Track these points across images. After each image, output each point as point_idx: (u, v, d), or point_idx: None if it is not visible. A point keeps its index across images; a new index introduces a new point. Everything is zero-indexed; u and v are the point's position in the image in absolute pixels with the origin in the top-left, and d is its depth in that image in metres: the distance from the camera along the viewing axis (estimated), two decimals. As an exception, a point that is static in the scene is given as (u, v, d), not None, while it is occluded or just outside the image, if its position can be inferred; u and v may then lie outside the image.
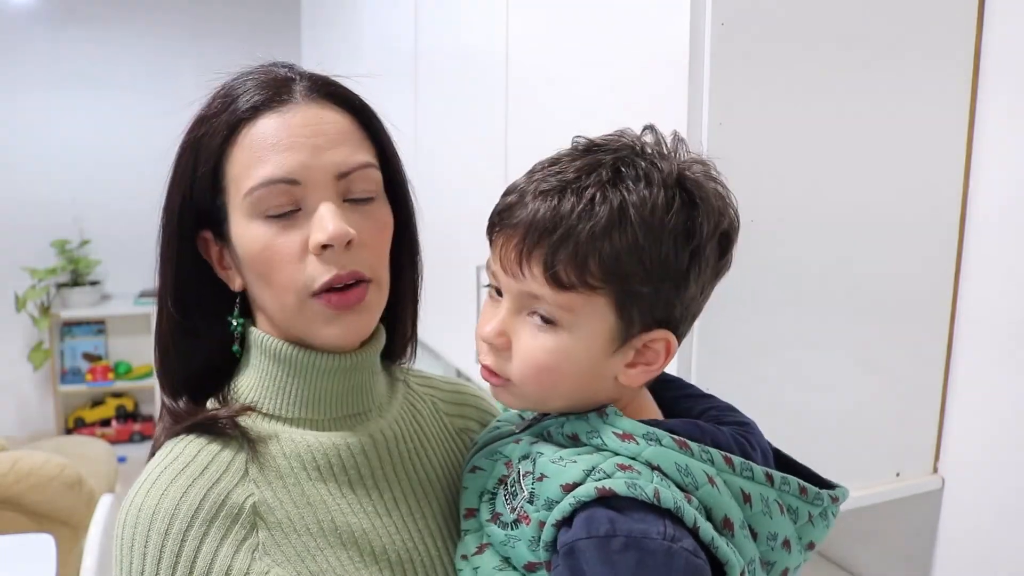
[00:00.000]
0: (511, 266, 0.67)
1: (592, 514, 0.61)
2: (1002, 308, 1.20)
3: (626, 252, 0.63)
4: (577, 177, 0.65)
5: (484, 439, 0.80)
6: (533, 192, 0.66)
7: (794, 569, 0.73)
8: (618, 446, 0.65)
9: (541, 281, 0.65)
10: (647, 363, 0.69)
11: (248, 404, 0.77)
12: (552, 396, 0.70)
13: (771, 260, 1.11)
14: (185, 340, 0.77)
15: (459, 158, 1.79)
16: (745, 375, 1.13)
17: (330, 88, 0.75)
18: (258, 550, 0.69)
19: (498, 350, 0.69)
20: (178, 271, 0.76)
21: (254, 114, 0.72)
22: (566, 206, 0.64)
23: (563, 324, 0.66)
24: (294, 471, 0.74)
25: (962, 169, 1.23)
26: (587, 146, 0.70)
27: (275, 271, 0.72)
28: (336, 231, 0.69)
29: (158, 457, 0.73)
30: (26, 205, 4.12)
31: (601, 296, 0.65)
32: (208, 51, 4.18)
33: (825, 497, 0.71)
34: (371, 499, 0.75)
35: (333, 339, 0.74)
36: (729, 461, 0.66)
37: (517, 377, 0.69)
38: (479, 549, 0.72)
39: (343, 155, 0.72)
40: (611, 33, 1.21)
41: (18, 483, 2.49)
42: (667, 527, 0.61)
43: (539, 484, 0.66)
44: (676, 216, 0.64)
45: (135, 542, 0.67)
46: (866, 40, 1.12)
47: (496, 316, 0.69)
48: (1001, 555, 1.21)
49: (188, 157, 0.74)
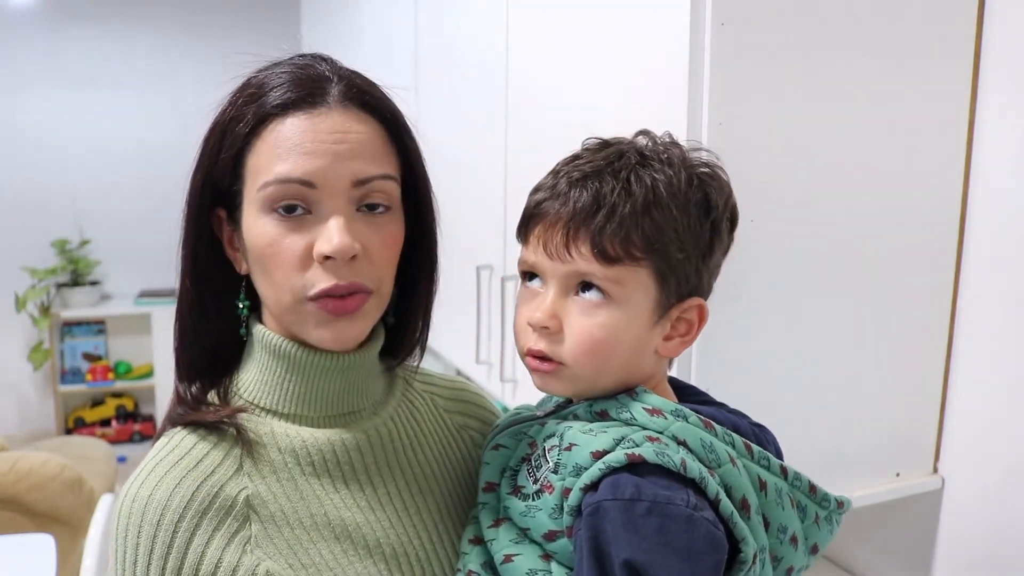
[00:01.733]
0: (557, 251, 0.71)
1: (619, 479, 0.64)
2: (1002, 308, 1.20)
3: (664, 224, 0.69)
4: (609, 163, 0.71)
5: (506, 421, 0.82)
6: (567, 182, 0.72)
7: (798, 570, 0.74)
8: (647, 420, 0.68)
9: (589, 258, 0.69)
10: (682, 334, 0.74)
11: (247, 399, 0.78)
12: (603, 373, 0.72)
13: (771, 260, 1.11)
14: (201, 319, 0.78)
15: (459, 158, 1.79)
16: (745, 375, 1.13)
17: (365, 96, 0.75)
18: (250, 543, 0.70)
19: (550, 333, 0.72)
20: (196, 248, 0.77)
21: (284, 111, 0.72)
22: (606, 188, 0.70)
23: (613, 297, 0.70)
24: (288, 466, 0.74)
25: (962, 169, 1.23)
26: (602, 143, 0.76)
27: (276, 268, 0.72)
28: (340, 245, 0.70)
29: (155, 449, 0.74)
30: (26, 205, 4.11)
31: (644, 268, 0.70)
32: (208, 52, 4.18)
33: (832, 500, 0.75)
34: (365, 494, 0.76)
35: (324, 342, 0.74)
36: (749, 448, 0.70)
37: (571, 357, 0.71)
38: (495, 523, 0.74)
39: (362, 165, 0.72)
40: (611, 33, 1.21)
41: (18, 483, 2.49)
42: (690, 496, 0.63)
43: (566, 453, 0.68)
44: (695, 192, 0.71)
45: (128, 532, 0.69)
46: (866, 40, 1.12)
47: (544, 301, 0.72)
48: (1001, 555, 1.21)
49: (215, 138, 0.75)
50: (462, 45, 1.81)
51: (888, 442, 1.26)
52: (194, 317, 0.78)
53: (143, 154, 4.18)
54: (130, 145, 4.19)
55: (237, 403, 0.78)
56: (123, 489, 0.71)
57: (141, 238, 4.17)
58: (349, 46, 2.73)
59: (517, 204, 0.77)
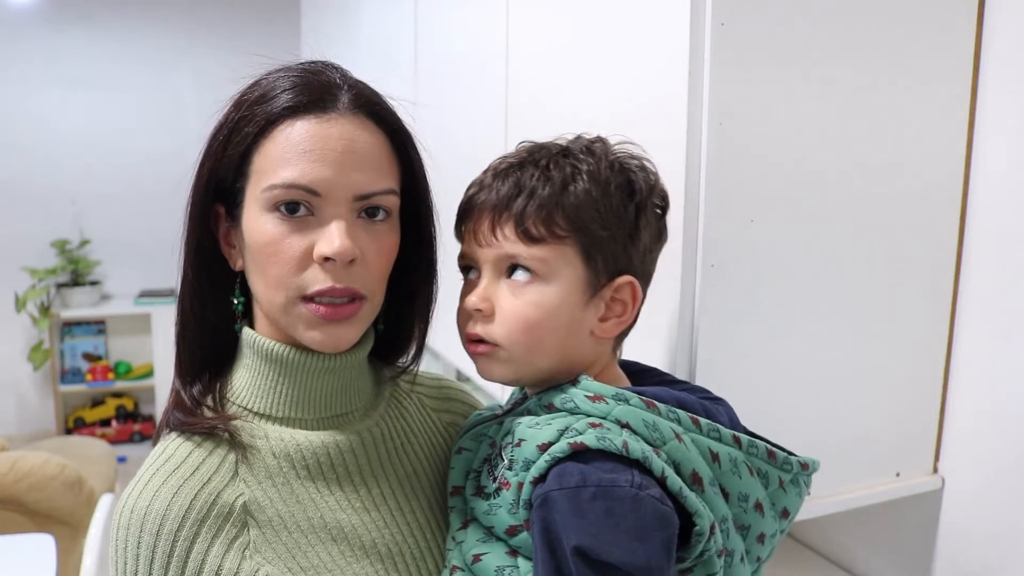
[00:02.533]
0: (485, 237, 0.75)
1: (564, 468, 0.66)
2: (1002, 308, 1.20)
3: (584, 203, 0.73)
4: (530, 156, 0.76)
5: (470, 423, 0.84)
6: (492, 176, 0.77)
7: (771, 536, 0.76)
8: (589, 407, 0.71)
9: (514, 239, 0.73)
10: (618, 314, 0.77)
11: (239, 404, 0.78)
12: (538, 353, 0.75)
13: (771, 260, 1.11)
14: (200, 312, 0.79)
15: (459, 158, 1.79)
16: (744, 375, 1.13)
17: (374, 107, 0.76)
18: (249, 548, 0.71)
19: (484, 316, 0.75)
20: (199, 239, 0.78)
21: (294, 114, 0.73)
22: (526, 175, 0.74)
23: (541, 275, 0.73)
24: (283, 470, 0.75)
25: (962, 168, 1.23)
26: (533, 144, 0.80)
27: (274, 267, 0.73)
28: (342, 248, 0.71)
29: (150, 457, 0.75)
30: (26, 205, 4.12)
31: (569, 246, 0.73)
32: (208, 52, 4.18)
33: (795, 463, 0.76)
34: (359, 495, 0.77)
35: (315, 343, 0.75)
36: (696, 422, 0.72)
37: (504, 337, 0.74)
38: (463, 525, 0.76)
39: (367, 179, 0.73)
40: (611, 33, 1.21)
41: (18, 483, 2.50)
42: (635, 476, 0.65)
43: (517, 449, 0.70)
44: (617, 176, 0.75)
45: (128, 543, 0.69)
46: (866, 39, 1.12)
47: (478, 287, 0.76)
48: (1001, 555, 1.21)
49: (223, 135, 0.75)
50: (462, 45, 1.81)
51: (888, 442, 1.26)
52: (195, 308, 0.79)
53: (143, 154, 4.19)
54: (130, 145, 4.20)
55: (231, 408, 0.78)
56: (120, 499, 0.72)
57: (141, 238, 4.18)
58: (349, 46, 2.73)
59: (517, 204, 0.77)
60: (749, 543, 0.74)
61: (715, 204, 1.05)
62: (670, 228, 0.85)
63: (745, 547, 0.73)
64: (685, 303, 1.07)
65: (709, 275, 1.06)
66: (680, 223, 1.03)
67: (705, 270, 1.05)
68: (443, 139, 1.87)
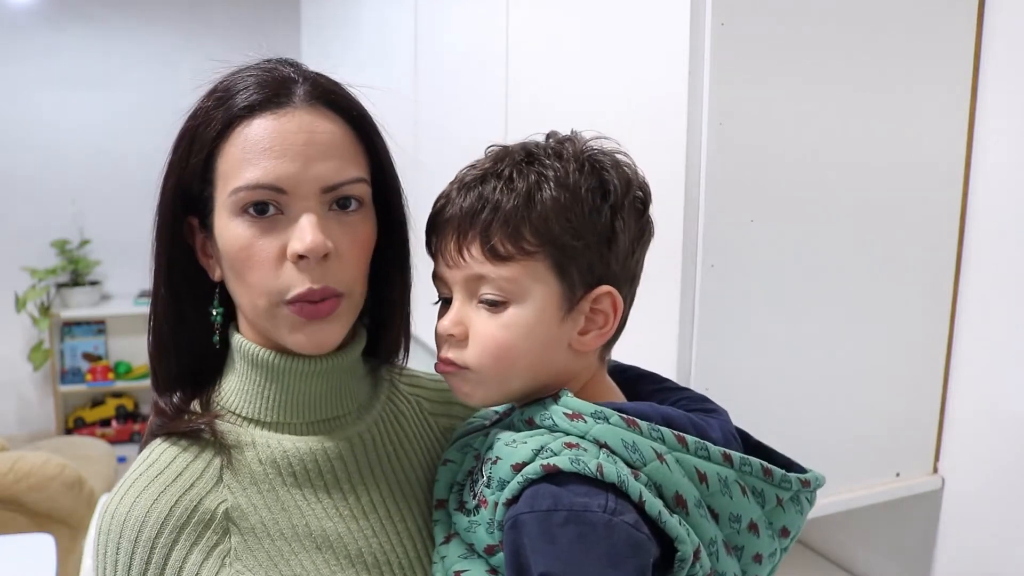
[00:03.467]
0: (452, 257, 0.71)
1: (536, 490, 0.63)
2: (1002, 308, 1.20)
3: (552, 214, 0.68)
4: (493, 165, 0.72)
5: (458, 433, 0.82)
6: (457, 189, 0.72)
7: (769, 556, 0.72)
8: (567, 425, 0.67)
9: (481, 259, 0.69)
10: (599, 326, 0.72)
11: (228, 409, 0.77)
12: (511, 375, 0.71)
13: (770, 260, 1.11)
14: (177, 327, 0.77)
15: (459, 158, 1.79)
16: (745, 375, 1.13)
17: (331, 96, 0.74)
18: (229, 556, 0.70)
19: (457, 341, 0.72)
20: (170, 255, 0.76)
21: (250, 113, 0.71)
22: (488, 188, 0.70)
23: (512, 298, 0.69)
24: (269, 477, 0.74)
25: (962, 169, 1.23)
26: (500, 148, 0.75)
27: (251, 271, 0.71)
28: (313, 244, 0.69)
29: (135, 462, 0.74)
30: (26, 205, 4.11)
31: (539, 261, 0.68)
32: (208, 52, 4.16)
33: (794, 480, 0.71)
34: (347, 503, 0.75)
35: (299, 346, 0.74)
36: (682, 440, 0.67)
37: (475, 361, 0.71)
38: (446, 539, 0.74)
39: (332, 169, 0.71)
40: (611, 33, 1.21)
41: (18, 483, 2.50)
42: (609, 501, 0.62)
43: (494, 467, 0.68)
44: (588, 179, 0.70)
45: (108, 548, 0.69)
46: (866, 39, 1.12)
47: (450, 311, 0.72)
48: (1001, 555, 1.21)
49: (184, 144, 0.74)
50: (462, 45, 1.81)
51: (888, 442, 1.26)
52: (171, 326, 0.77)
53: (143, 154, 4.15)
54: (130, 145, 4.19)
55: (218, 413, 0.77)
56: (102, 505, 0.72)
57: (141, 238, 4.07)
58: (349, 46, 2.73)
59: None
60: (745, 563, 0.71)
61: (715, 204, 1.04)
62: (670, 228, 0.84)
63: (740, 567, 0.71)
64: (685, 303, 1.07)
65: (709, 275, 1.06)
66: (680, 223, 1.03)
67: (705, 270, 1.05)
68: (443, 139, 1.87)
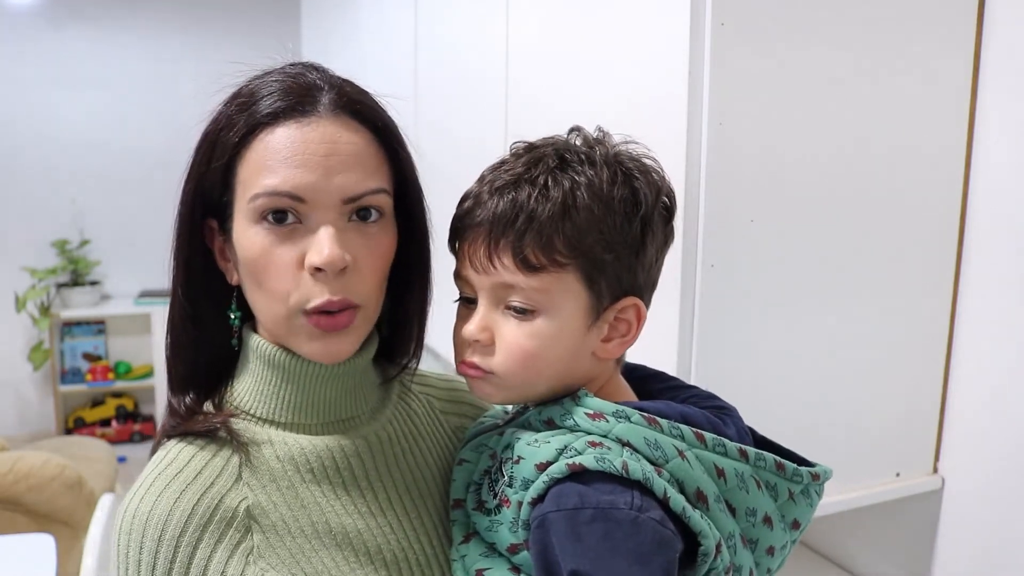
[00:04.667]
0: (481, 262, 0.70)
1: (562, 489, 0.64)
2: (1002, 309, 1.20)
3: (586, 226, 0.68)
4: (527, 170, 0.70)
5: (471, 433, 0.82)
6: (488, 191, 0.71)
7: (780, 548, 0.74)
8: (589, 425, 0.68)
9: (512, 268, 0.69)
10: (622, 334, 0.73)
11: (243, 409, 0.77)
12: (536, 382, 0.72)
13: (770, 260, 1.11)
14: (194, 330, 0.77)
15: (459, 158, 1.79)
16: (745, 375, 1.13)
17: (356, 106, 0.74)
18: (252, 554, 0.70)
19: (483, 346, 0.72)
20: (189, 257, 0.76)
21: (274, 120, 0.71)
22: (523, 195, 0.69)
23: (539, 308, 0.70)
24: (287, 474, 0.74)
25: (962, 170, 1.23)
26: (528, 147, 0.75)
27: (268, 279, 0.71)
28: (331, 257, 0.69)
29: (152, 462, 0.74)
30: (26, 205, 4.12)
31: (570, 272, 0.69)
32: (208, 52, 4.18)
33: (804, 474, 0.73)
34: (365, 500, 0.76)
35: (314, 355, 0.74)
36: (700, 437, 0.69)
37: (502, 368, 0.71)
38: (465, 538, 0.74)
39: (353, 180, 0.71)
40: (611, 33, 1.21)
41: (18, 483, 2.49)
42: (635, 498, 0.63)
43: (516, 467, 0.68)
44: (621, 189, 0.70)
45: (130, 549, 0.68)
46: (865, 40, 1.12)
47: (476, 315, 0.72)
48: (1001, 555, 1.21)
49: (205, 148, 0.74)
50: (462, 46, 1.81)
51: (888, 442, 1.26)
52: (187, 328, 0.77)
53: (143, 154, 4.18)
54: (130, 145, 4.19)
55: (232, 412, 0.77)
56: (122, 506, 0.71)
57: (141, 238, 4.17)
58: (349, 47, 2.73)
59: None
60: (759, 556, 0.72)
61: (715, 204, 1.05)
62: (671, 228, 0.84)
63: (755, 560, 0.72)
64: (685, 303, 1.07)
65: (709, 275, 1.06)
66: (680, 223, 1.03)
67: (705, 270, 1.05)
68: (443, 139, 1.87)
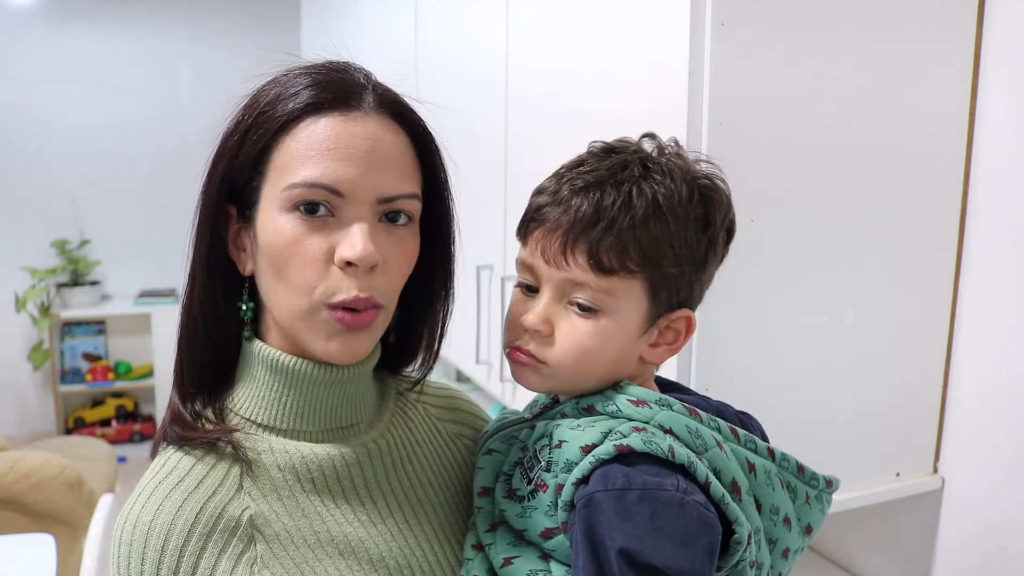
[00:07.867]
0: (555, 257, 0.71)
1: (608, 470, 0.65)
2: (1002, 308, 1.20)
3: (660, 239, 0.70)
4: (612, 174, 0.72)
5: (496, 425, 0.83)
6: (569, 189, 0.72)
7: (794, 552, 0.76)
8: (632, 411, 0.70)
9: (585, 268, 0.70)
10: (669, 342, 0.76)
11: (243, 416, 0.76)
12: (586, 378, 0.74)
13: (771, 260, 1.11)
14: (211, 318, 0.76)
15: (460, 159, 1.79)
16: (744, 375, 1.13)
17: (398, 107, 0.74)
18: (256, 563, 0.69)
19: (541, 337, 0.73)
20: (211, 243, 0.75)
21: (318, 110, 0.70)
22: (607, 200, 0.70)
23: (603, 309, 0.71)
24: (288, 483, 0.73)
25: (963, 170, 1.23)
26: (608, 148, 0.76)
27: (294, 269, 0.70)
28: (364, 253, 0.68)
29: (152, 470, 0.73)
30: (26, 205, 4.12)
31: (637, 280, 0.71)
32: (208, 52, 4.18)
33: (821, 479, 0.76)
34: (366, 508, 0.75)
35: (331, 354, 0.73)
36: (735, 432, 0.72)
37: (556, 360, 0.73)
38: (491, 527, 0.75)
39: (391, 181, 0.71)
40: (611, 33, 1.21)
41: (18, 483, 2.49)
42: (680, 481, 0.64)
43: (557, 451, 0.69)
44: (696, 207, 0.72)
45: (131, 559, 0.67)
46: (865, 40, 1.12)
47: (537, 305, 0.73)
48: (1001, 555, 1.21)
49: (240, 131, 0.72)
50: (462, 45, 1.81)
51: (888, 442, 1.26)
52: (204, 314, 0.76)
53: (143, 154, 4.18)
54: (130, 145, 4.19)
55: (232, 420, 0.76)
56: (121, 515, 0.69)
57: (141, 238, 4.18)
58: (349, 46, 2.72)
59: (517, 204, 0.77)
60: (774, 558, 0.74)
61: (715, 204, 1.04)
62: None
63: (770, 561, 0.73)
64: (685, 303, 1.07)
65: (709, 275, 1.06)
66: (680, 223, 1.03)
67: (705, 270, 1.05)
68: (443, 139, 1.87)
